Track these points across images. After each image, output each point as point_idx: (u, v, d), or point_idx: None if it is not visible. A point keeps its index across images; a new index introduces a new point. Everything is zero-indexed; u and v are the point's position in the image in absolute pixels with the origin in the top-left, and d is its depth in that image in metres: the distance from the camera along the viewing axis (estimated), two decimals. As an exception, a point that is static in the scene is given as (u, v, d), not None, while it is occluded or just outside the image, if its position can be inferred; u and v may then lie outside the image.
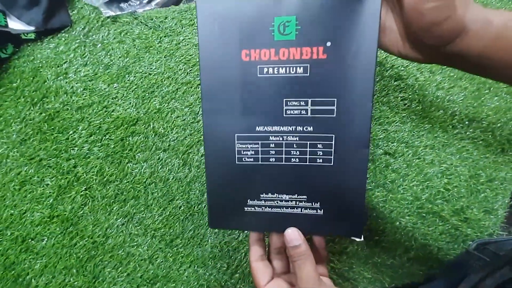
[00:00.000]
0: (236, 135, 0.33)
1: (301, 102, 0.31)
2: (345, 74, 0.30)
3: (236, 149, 0.33)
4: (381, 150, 0.52)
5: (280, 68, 0.31)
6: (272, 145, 0.33)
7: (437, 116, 0.53)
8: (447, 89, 0.54)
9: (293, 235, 0.32)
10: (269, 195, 0.34)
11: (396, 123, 0.52)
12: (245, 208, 0.34)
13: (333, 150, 0.32)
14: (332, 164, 0.32)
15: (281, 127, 0.32)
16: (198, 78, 0.52)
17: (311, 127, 0.32)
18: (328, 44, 0.29)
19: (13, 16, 0.48)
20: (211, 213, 0.35)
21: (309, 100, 0.31)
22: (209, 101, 0.32)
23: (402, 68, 0.54)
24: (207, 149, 0.34)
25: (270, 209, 0.34)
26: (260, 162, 0.33)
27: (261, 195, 0.34)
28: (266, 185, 0.34)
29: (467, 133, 0.53)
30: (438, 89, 0.54)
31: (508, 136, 0.54)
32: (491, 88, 0.55)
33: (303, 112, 0.32)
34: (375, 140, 0.52)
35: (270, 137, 0.33)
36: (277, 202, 0.34)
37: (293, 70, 0.31)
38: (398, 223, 0.50)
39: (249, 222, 0.35)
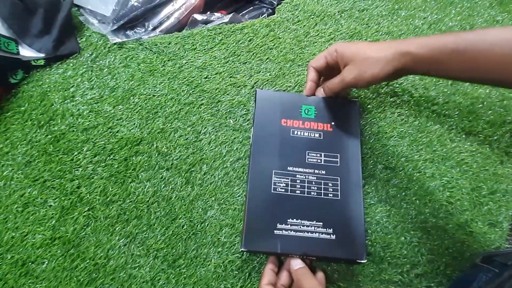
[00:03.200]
0: (273, 171, 0.46)
1: (317, 154, 0.47)
2: (342, 141, 0.49)
3: (273, 181, 0.45)
4: (381, 165, 0.52)
5: (305, 132, 0.48)
6: (298, 181, 0.46)
7: (434, 130, 0.54)
8: (442, 104, 0.55)
9: (297, 260, 0.42)
10: (294, 220, 0.44)
11: (394, 137, 0.53)
12: (275, 231, 0.43)
13: (339, 188, 0.46)
14: (339, 198, 0.45)
15: (304, 169, 0.46)
16: (200, 99, 0.53)
17: (324, 171, 0.47)
18: (332, 123, 0.49)
19: (25, 44, 0.51)
20: (246, 235, 0.43)
21: (322, 153, 0.48)
22: (257, 146, 0.47)
23: (397, 85, 0.56)
24: (252, 181, 0.45)
25: (294, 232, 0.43)
26: (289, 193, 0.45)
27: (288, 220, 0.44)
28: (292, 212, 0.44)
29: (465, 146, 0.54)
30: (433, 105, 0.55)
31: (505, 149, 0.55)
32: (484, 103, 0.56)
33: (319, 160, 0.47)
34: (375, 155, 0.53)
35: (297, 174, 0.46)
36: (300, 227, 0.43)
37: (312, 134, 0.48)
38: (403, 238, 0.49)
39: (276, 244, 0.42)
